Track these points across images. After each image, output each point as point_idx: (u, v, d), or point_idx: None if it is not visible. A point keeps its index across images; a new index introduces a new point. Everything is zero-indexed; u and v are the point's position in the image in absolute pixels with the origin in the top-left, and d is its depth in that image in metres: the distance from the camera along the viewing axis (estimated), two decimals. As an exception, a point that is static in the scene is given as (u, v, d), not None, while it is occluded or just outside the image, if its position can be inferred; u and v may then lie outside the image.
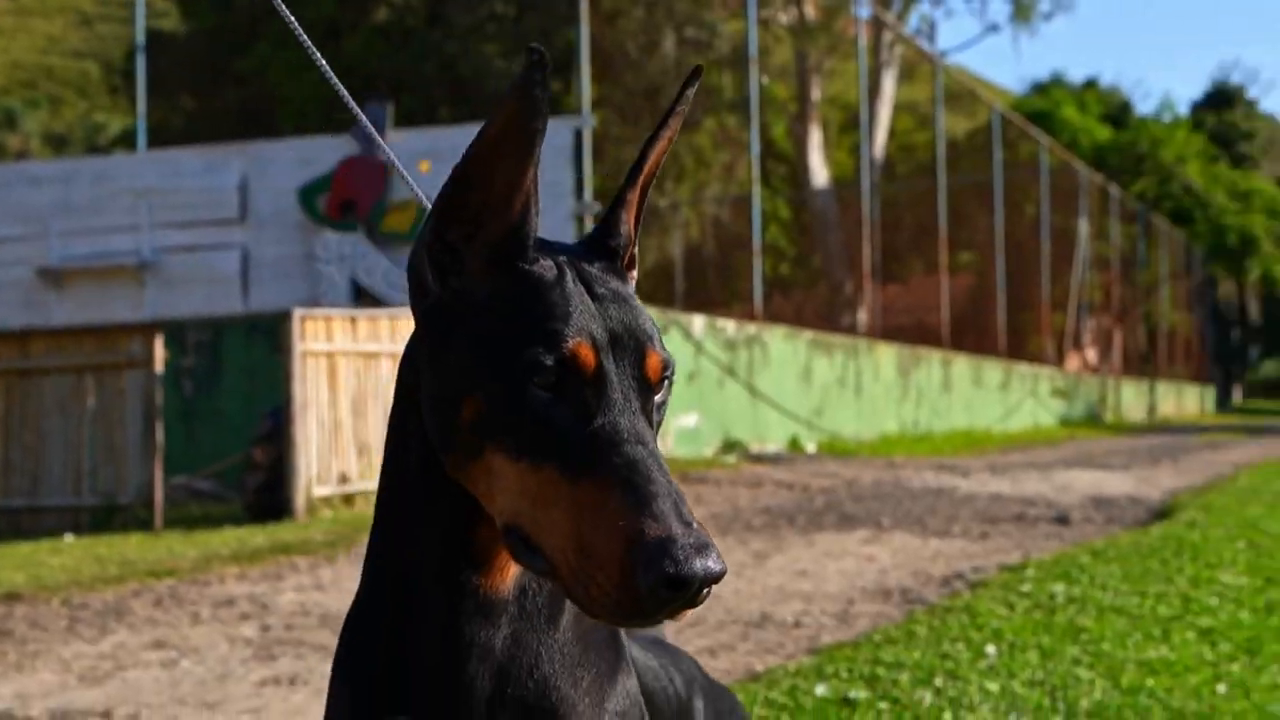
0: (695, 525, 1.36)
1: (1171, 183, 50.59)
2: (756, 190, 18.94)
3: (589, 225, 15.20)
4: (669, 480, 1.38)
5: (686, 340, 15.23)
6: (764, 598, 7.49)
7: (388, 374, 11.99)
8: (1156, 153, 50.68)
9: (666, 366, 1.50)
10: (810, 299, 33.07)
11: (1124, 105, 62.80)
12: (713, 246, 33.56)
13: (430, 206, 1.56)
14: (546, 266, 1.51)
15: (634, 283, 1.61)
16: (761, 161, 35.32)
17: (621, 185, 1.62)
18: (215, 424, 15.13)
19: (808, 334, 19.21)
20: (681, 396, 14.99)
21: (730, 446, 15.75)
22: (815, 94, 29.97)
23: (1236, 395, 63.12)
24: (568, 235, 14.89)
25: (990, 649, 5.89)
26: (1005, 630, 6.27)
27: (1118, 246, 39.84)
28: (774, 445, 16.79)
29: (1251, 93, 72.84)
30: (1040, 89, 58.95)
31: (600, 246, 1.60)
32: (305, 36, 2.02)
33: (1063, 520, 11.00)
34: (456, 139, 15.92)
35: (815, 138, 29.73)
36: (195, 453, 14.72)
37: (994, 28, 41.07)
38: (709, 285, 30.62)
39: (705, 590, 1.35)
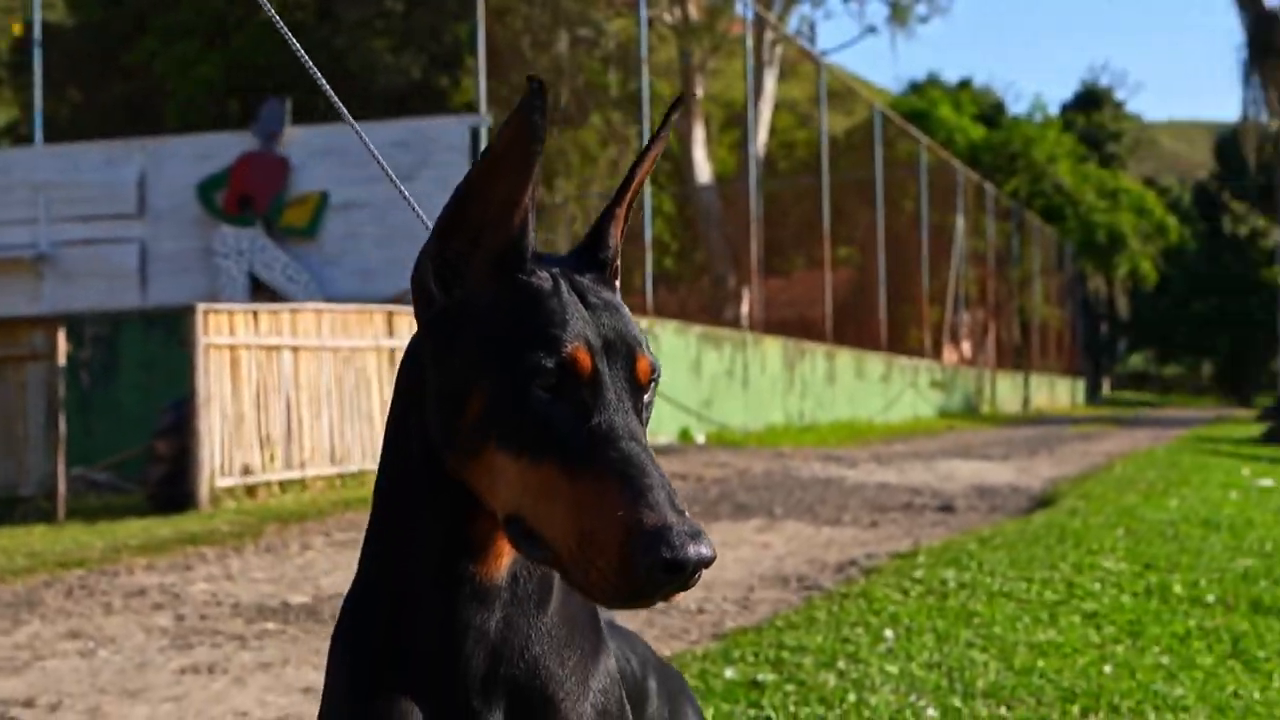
0: (687, 514, 1.46)
1: (1043, 181, 51.27)
2: (647, 187, 19.06)
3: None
4: (661, 473, 1.49)
5: (580, 334, 15.35)
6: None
7: (289, 367, 11.99)
8: (1029, 152, 51.34)
9: (654, 369, 1.61)
10: (694, 293, 33.26)
11: (997, 105, 63.51)
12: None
13: (426, 212, 1.64)
14: (543, 277, 1.61)
15: (619, 292, 1.71)
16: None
17: (609, 202, 1.73)
18: (112, 417, 15.00)
19: (698, 328, 19.35)
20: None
21: (622, 438, 15.85)
22: (699, 92, 30.15)
23: (1105, 387, 64.21)
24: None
25: (888, 633, 6.03)
26: (901, 615, 6.42)
27: (993, 243, 40.37)
28: (665, 436, 16.92)
29: (1119, 94, 73.58)
30: (916, 89, 59.43)
31: (590, 258, 1.70)
32: (290, 35, 2.09)
33: (948, 509, 11.21)
34: (352, 136, 15.87)
35: (699, 134, 29.91)
36: (92, 445, 14.58)
37: (872, 29, 41.40)
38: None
39: (698, 573, 1.45)
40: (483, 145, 14.92)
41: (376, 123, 17.77)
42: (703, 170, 29.94)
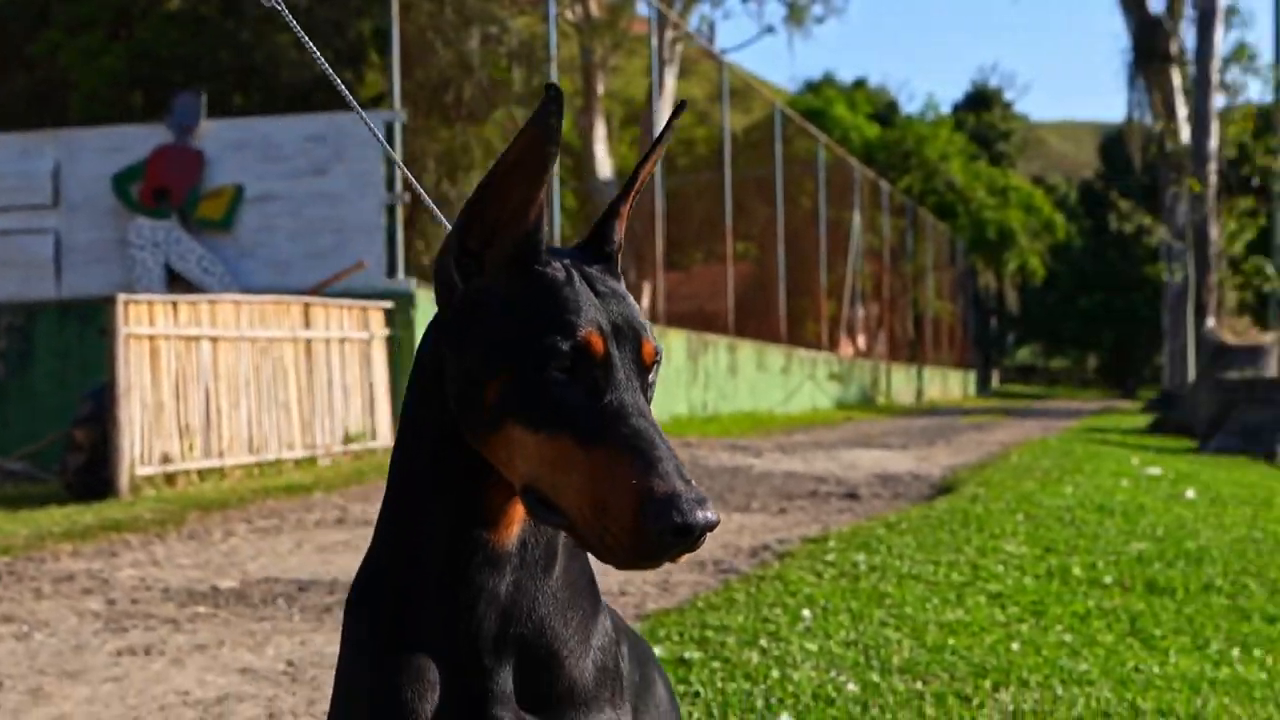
0: (694, 483, 1.58)
1: (936, 179, 51.81)
2: (555, 183, 19.12)
3: (400, 215, 15.25)
4: (669, 446, 1.60)
5: (491, 326, 15.39)
6: (587, 569, 7.70)
7: (208, 357, 11.97)
8: (922, 150, 51.87)
9: (657, 353, 1.72)
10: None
11: (891, 105, 64.12)
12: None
13: (444, 213, 1.75)
14: (557, 268, 1.71)
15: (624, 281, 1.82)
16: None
17: (614, 199, 1.84)
18: (27, 406, 14.89)
19: (603, 321, 19.44)
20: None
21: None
22: (599, 89, 30.24)
23: (995, 380, 64.97)
24: (379, 224, 15.01)
25: (806, 613, 6.17)
26: (817, 596, 6.56)
27: (888, 239, 40.75)
28: (574, 427, 17.02)
29: (1008, 95, 74.68)
30: (813, 88, 59.82)
31: (596, 251, 1.81)
32: (301, 31, 2.17)
33: (853, 496, 11.38)
34: (268, 130, 15.87)
35: (600, 130, 30.01)
36: (8, 435, 14.49)
37: (770, 29, 41.73)
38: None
39: (703, 536, 1.57)
40: (397, 140, 14.95)
41: (293, 116, 17.73)
42: (604, 166, 30.04)
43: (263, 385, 12.57)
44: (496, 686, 1.74)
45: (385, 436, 14.08)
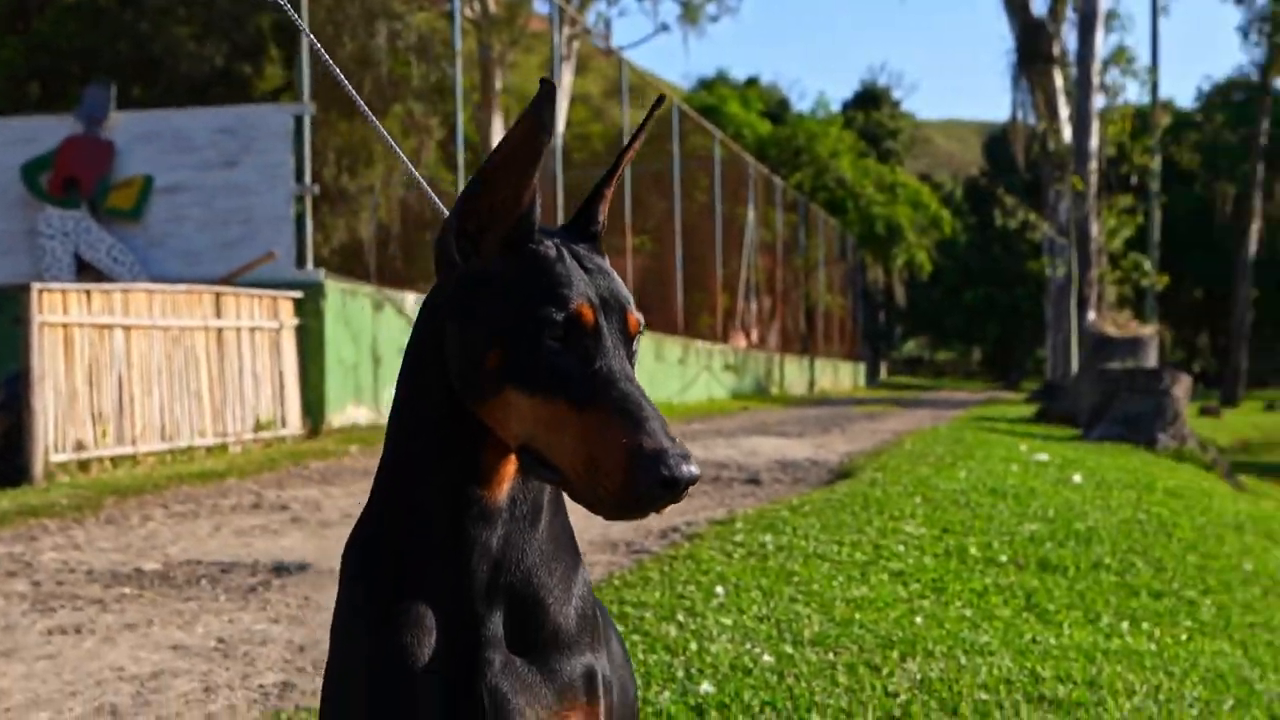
0: (677, 440, 1.70)
1: (826, 175, 52.19)
2: (461, 176, 19.14)
3: (309, 206, 15.22)
4: (654, 408, 1.72)
5: (399, 315, 15.40)
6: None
7: (121, 345, 11.92)
8: (813, 147, 52.22)
9: (640, 323, 1.84)
10: (494, 279, 33.33)
11: (783, 102, 64.58)
12: (399, 228, 33.58)
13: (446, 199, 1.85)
14: (548, 247, 1.83)
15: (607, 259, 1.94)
16: (447, 147, 35.48)
17: (598, 183, 1.96)
18: (-65, 394, 14.71)
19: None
20: (394, 368, 15.15)
21: (439, 416, 15.99)
22: (498, 84, 30.26)
23: (883, 371, 65.61)
24: (288, 216, 14.97)
25: (719, 590, 6.30)
26: (728, 574, 6.69)
27: (780, 233, 41.04)
28: (479, 415, 17.08)
29: (896, 94, 75.49)
30: (706, 86, 60.05)
31: (582, 231, 1.93)
32: (310, 33, 2.27)
33: (755, 481, 11.53)
34: (178, 122, 15.78)
35: (498, 125, 30.02)
36: (-86, 423, 14.32)
37: (665, 27, 41.85)
38: (397, 264, 30.63)
39: (688, 489, 1.69)
40: (306, 133, 14.94)
41: (202, 109, 17.62)
42: (499, 160, 30.10)
43: (175, 373, 12.54)
44: (488, 631, 1.86)
45: (295, 424, 14.08)
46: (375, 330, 14.94)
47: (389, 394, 15.10)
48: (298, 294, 14.16)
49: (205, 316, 12.96)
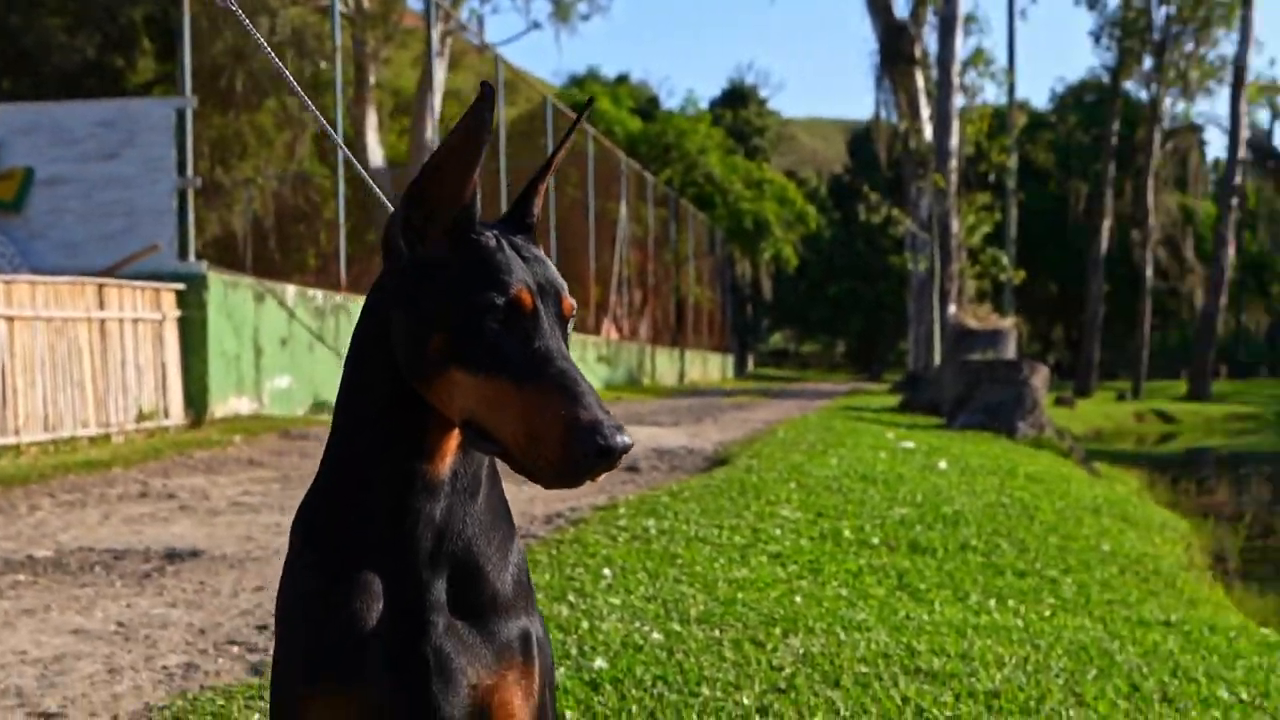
0: (611, 413, 1.81)
1: (695, 171, 52.40)
2: (341, 171, 19.08)
3: (191, 199, 15.09)
4: (589, 384, 1.83)
5: (280, 308, 15.33)
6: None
7: (4, 336, 11.75)
8: (682, 144, 52.41)
9: (573, 308, 1.95)
10: (366, 272, 33.17)
11: (653, 100, 64.67)
12: (273, 220, 33.34)
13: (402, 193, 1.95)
14: (489, 237, 1.93)
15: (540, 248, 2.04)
16: (320, 141, 35.22)
17: (532, 179, 2.06)
18: None
19: (388, 303, 19.49)
20: (275, 359, 15.12)
21: (320, 406, 15.94)
22: (371, 79, 30.15)
23: (750, 363, 66.06)
24: (170, 208, 14.82)
25: (606, 572, 6.41)
26: (614, 557, 6.81)
27: (651, 228, 41.18)
28: (362, 406, 17.04)
29: (763, 92, 75.81)
30: (578, 83, 60.06)
31: (518, 223, 2.03)
32: (261, 37, 2.35)
33: (634, 469, 11.64)
34: (58, 114, 15.56)
35: (372, 120, 29.92)
36: None
37: (536, 25, 41.89)
38: (272, 256, 30.41)
39: (621, 457, 1.80)
40: (188, 126, 14.80)
41: (83, 102, 17.41)
42: (375, 154, 29.97)
43: (58, 364, 12.40)
44: (432, 596, 1.96)
45: (178, 414, 13.97)
46: (257, 322, 14.87)
47: (271, 384, 15.11)
48: (180, 286, 14.05)
49: (88, 308, 12.83)
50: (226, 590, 6.21)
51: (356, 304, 17.50)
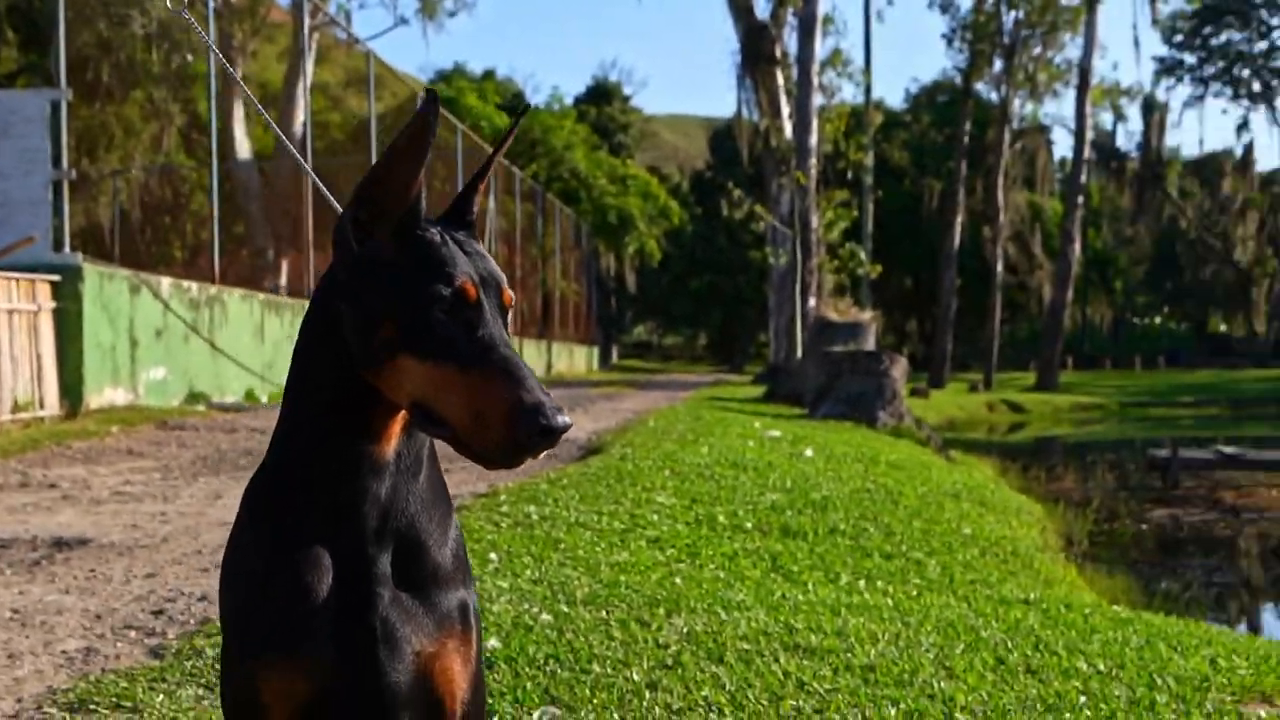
0: (551, 395, 1.91)
1: (561, 166, 52.47)
2: (215, 164, 18.90)
3: (66, 191, 14.88)
4: (530, 369, 1.93)
5: (155, 299, 15.18)
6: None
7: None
8: (548, 140, 52.45)
9: (512, 299, 2.05)
10: (233, 263, 32.89)
11: (518, 96, 64.56)
12: (139, 212, 32.93)
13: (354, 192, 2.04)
14: (434, 233, 2.02)
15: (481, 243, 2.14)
16: (188, 133, 34.78)
17: (472, 179, 2.16)
18: None
19: (261, 295, 19.37)
20: (151, 351, 14.96)
21: (195, 397, 15.80)
22: (239, 72, 29.81)
23: (615, 355, 66.22)
24: (45, 200, 14.60)
25: (492, 556, 6.50)
26: (499, 542, 6.89)
27: (518, 222, 41.20)
28: (232, 396, 16.93)
29: (627, 90, 76.04)
30: (445, 78, 59.77)
31: (460, 220, 2.13)
32: (217, 51, 2.41)
33: (509, 457, 11.69)
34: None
35: (239, 113, 29.62)
36: None
37: (404, 20, 41.55)
38: (138, 248, 30.02)
39: (561, 436, 1.90)
40: (63, 118, 14.58)
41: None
42: (243, 147, 29.70)
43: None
44: (377, 569, 2.05)
45: (53, 405, 13.79)
46: (132, 313, 14.71)
47: (146, 375, 14.96)
48: (55, 278, 13.86)
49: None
50: (118, 577, 6.20)
51: (231, 296, 17.37)
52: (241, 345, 17.50)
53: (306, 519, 2.04)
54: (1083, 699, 4.60)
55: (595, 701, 4.28)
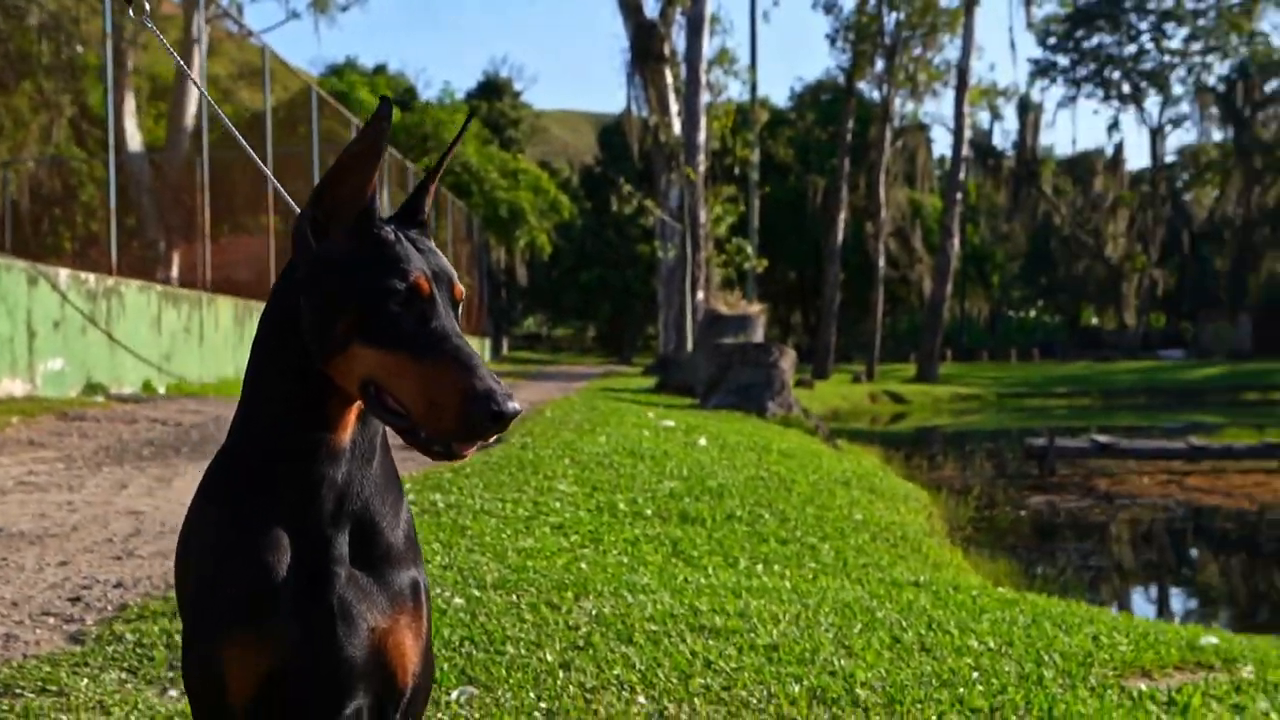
0: (502, 383, 2.00)
1: (453, 161, 52.35)
2: (112, 156, 18.67)
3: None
4: (480, 358, 2.02)
5: (53, 291, 14.98)
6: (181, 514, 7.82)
7: None
8: (439, 134, 52.25)
9: (463, 293, 2.13)
10: (125, 255, 32.47)
11: (410, 90, 64.22)
12: (29, 203, 32.43)
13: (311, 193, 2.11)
14: (388, 231, 2.10)
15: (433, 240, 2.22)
16: (79, 125, 34.27)
17: (423, 180, 2.24)
18: None
19: (159, 287, 19.15)
20: (48, 342, 14.76)
21: (93, 389, 15.61)
22: (130, 64, 29.46)
23: (505, 346, 66.13)
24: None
25: (402, 543, 6.54)
26: (408, 529, 6.94)
27: (411, 215, 41.00)
28: (130, 387, 16.74)
29: (517, 85, 75.95)
30: (336, 72, 59.34)
31: (412, 218, 2.20)
32: (181, 60, 2.47)
33: (402, 445, 11.72)
34: None
35: (130, 105, 29.24)
36: None
37: (295, 14, 41.26)
38: (29, 239, 29.57)
39: (511, 421, 1.99)
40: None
41: None
42: (134, 140, 29.33)
43: None
44: (335, 550, 2.12)
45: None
46: (30, 304, 14.50)
47: (44, 367, 14.77)
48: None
49: None
50: (31, 565, 6.17)
51: (129, 288, 17.19)
52: (139, 337, 17.32)
53: (266, 502, 2.11)
54: (975, 675, 4.76)
55: (511, 681, 4.36)
